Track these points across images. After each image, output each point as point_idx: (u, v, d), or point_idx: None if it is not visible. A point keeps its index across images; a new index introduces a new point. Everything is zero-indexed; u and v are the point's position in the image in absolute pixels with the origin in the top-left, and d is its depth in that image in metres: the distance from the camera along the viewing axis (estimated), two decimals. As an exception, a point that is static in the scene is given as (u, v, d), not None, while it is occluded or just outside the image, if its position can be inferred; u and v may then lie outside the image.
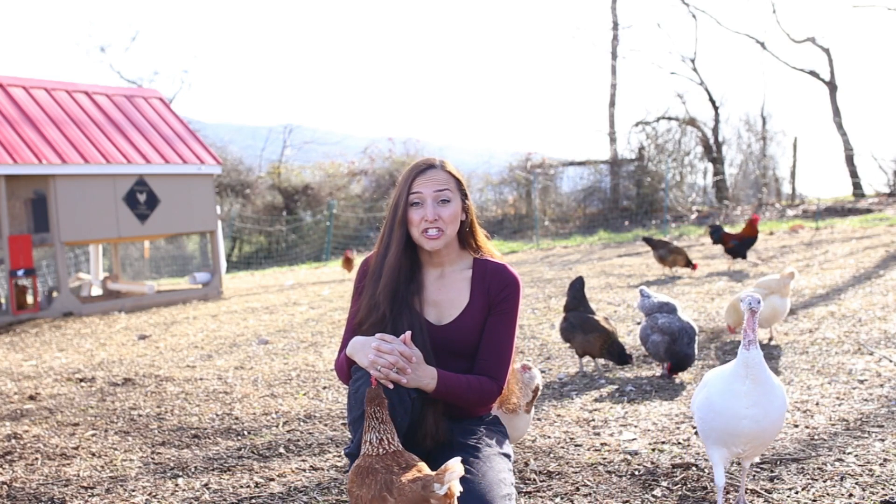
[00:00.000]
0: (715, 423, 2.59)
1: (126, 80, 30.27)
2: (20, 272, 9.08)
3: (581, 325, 4.62)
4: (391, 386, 2.38)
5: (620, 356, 4.52)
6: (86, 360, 6.32)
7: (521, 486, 2.94)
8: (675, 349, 4.28)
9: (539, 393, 3.08)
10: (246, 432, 3.92)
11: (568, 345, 5.45)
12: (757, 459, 2.67)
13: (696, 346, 4.37)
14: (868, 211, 15.85)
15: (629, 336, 5.62)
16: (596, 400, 4.14)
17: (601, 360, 4.85)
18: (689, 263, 8.57)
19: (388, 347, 2.39)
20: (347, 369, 2.54)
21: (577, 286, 4.86)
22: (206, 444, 3.75)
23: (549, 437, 3.53)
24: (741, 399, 2.53)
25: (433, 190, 2.58)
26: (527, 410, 3.02)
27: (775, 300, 5.08)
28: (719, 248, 11.39)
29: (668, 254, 8.68)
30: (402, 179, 2.64)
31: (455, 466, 1.90)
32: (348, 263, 11.77)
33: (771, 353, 4.85)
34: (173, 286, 13.33)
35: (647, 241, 9.24)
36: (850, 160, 21.08)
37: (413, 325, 2.56)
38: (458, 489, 1.90)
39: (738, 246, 9.00)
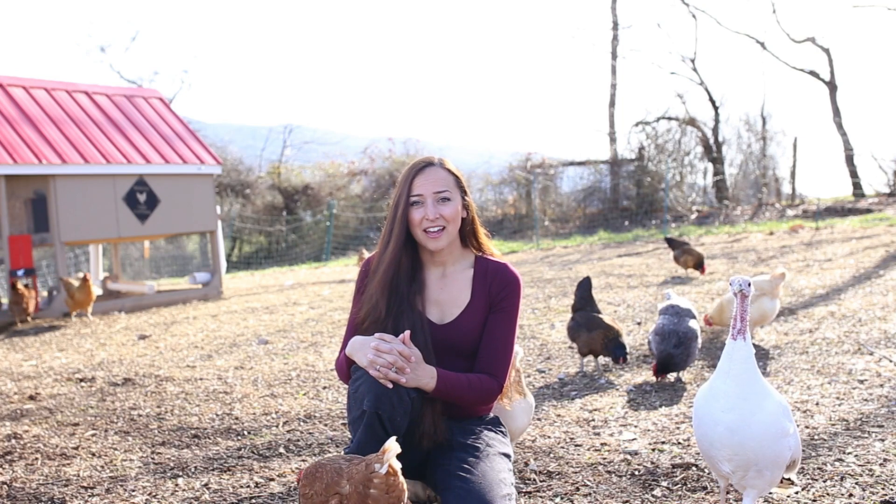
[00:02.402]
0: (698, 432, 2.34)
1: (126, 80, 30.32)
2: (20, 272, 9.07)
3: (586, 323, 4.65)
4: (390, 385, 2.38)
5: (615, 351, 4.49)
6: (86, 360, 6.32)
7: (521, 486, 2.93)
8: (661, 349, 4.27)
9: (520, 371, 3.02)
10: (246, 432, 3.92)
11: (571, 343, 5.46)
12: (758, 492, 2.32)
13: (689, 348, 4.26)
14: (868, 211, 15.84)
15: (629, 336, 5.61)
16: (596, 400, 4.14)
17: (602, 360, 4.85)
18: (698, 266, 8.53)
19: (387, 347, 2.39)
20: (347, 369, 2.55)
21: (584, 286, 4.89)
22: (206, 444, 3.75)
23: (549, 437, 3.53)
24: (719, 400, 2.24)
25: (433, 189, 2.59)
26: (519, 392, 2.96)
27: (765, 301, 5.08)
28: (719, 249, 11.39)
29: (682, 254, 8.67)
30: (402, 179, 2.64)
31: (391, 446, 2.00)
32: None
33: (770, 353, 4.85)
34: (173, 286, 13.32)
35: (668, 241, 9.21)
36: (850, 160, 21.07)
37: (415, 325, 2.57)
38: (398, 466, 2.00)
39: None
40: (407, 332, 2.45)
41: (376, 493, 1.96)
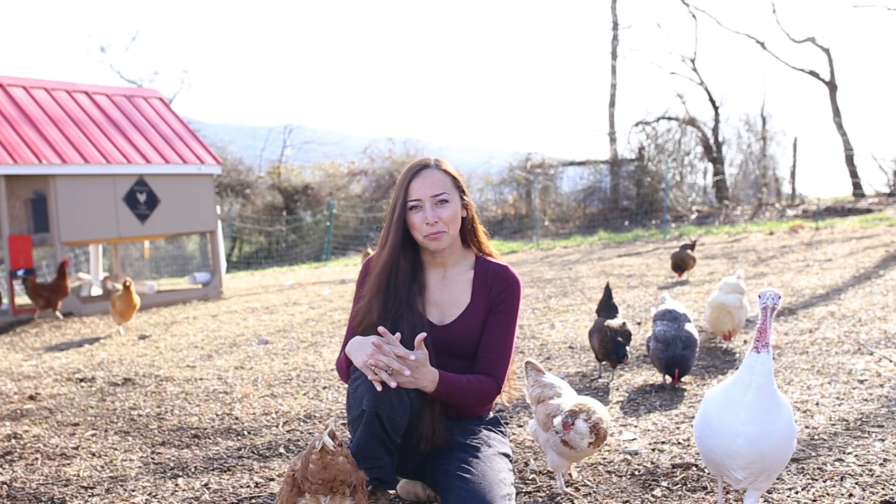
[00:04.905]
0: (710, 442, 2.31)
1: (126, 80, 30.35)
2: (20, 272, 9.07)
3: (596, 327, 4.58)
4: (379, 388, 2.37)
5: (610, 350, 4.36)
6: (86, 360, 6.32)
7: (521, 486, 2.93)
8: (669, 354, 4.17)
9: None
10: (246, 432, 3.92)
11: (571, 343, 5.47)
12: (761, 492, 2.35)
13: (693, 351, 4.23)
14: (868, 211, 15.85)
15: (629, 336, 5.60)
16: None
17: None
18: (674, 267, 8.47)
19: (387, 349, 2.39)
20: (347, 368, 2.55)
21: (604, 292, 4.85)
22: (206, 444, 3.75)
23: (549, 437, 3.53)
24: (739, 412, 2.23)
25: (431, 192, 2.59)
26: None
27: (745, 301, 5.12)
28: (719, 248, 11.40)
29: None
30: (399, 182, 2.65)
31: (327, 425, 2.16)
32: None
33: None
34: (173, 286, 13.33)
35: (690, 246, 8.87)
36: (850, 160, 21.08)
37: (415, 326, 2.57)
38: (330, 444, 2.13)
39: None
40: (421, 335, 2.44)
41: (313, 468, 2.13)
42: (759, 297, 2.26)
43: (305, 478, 2.14)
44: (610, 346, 4.39)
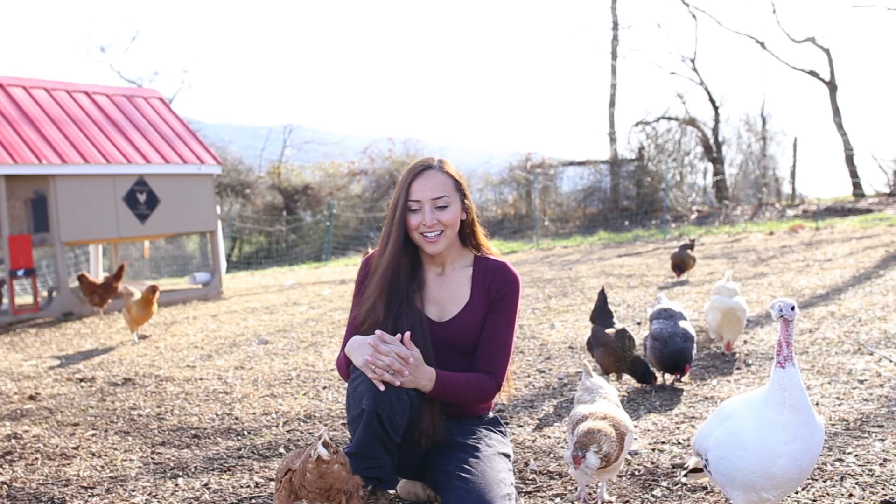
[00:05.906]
0: (743, 464, 2.19)
1: (126, 80, 30.35)
2: (20, 272, 9.07)
3: (594, 338, 4.44)
4: (382, 387, 2.37)
5: (642, 375, 4.18)
6: (86, 360, 6.32)
7: (521, 486, 2.93)
8: (670, 350, 4.14)
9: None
10: (246, 432, 3.92)
11: (571, 344, 5.46)
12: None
13: (693, 345, 4.22)
14: (868, 211, 15.85)
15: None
16: (596, 400, 4.13)
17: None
18: (674, 267, 8.46)
19: (385, 349, 2.39)
20: (347, 368, 2.55)
21: (598, 298, 4.68)
22: (206, 444, 3.75)
23: (549, 437, 3.53)
24: (778, 433, 2.13)
25: (431, 196, 2.58)
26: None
27: (743, 301, 5.06)
28: (719, 248, 11.40)
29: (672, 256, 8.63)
30: (401, 181, 2.64)
31: (321, 433, 2.18)
32: None
33: (770, 354, 4.84)
34: (173, 286, 13.32)
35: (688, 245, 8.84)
36: (850, 160, 21.09)
37: (414, 322, 2.57)
38: (325, 454, 2.14)
39: None
40: (408, 333, 2.44)
41: (310, 477, 2.16)
42: (772, 307, 2.16)
43: (303, 485, 2.16)
44: (639, 372, 4.19)
